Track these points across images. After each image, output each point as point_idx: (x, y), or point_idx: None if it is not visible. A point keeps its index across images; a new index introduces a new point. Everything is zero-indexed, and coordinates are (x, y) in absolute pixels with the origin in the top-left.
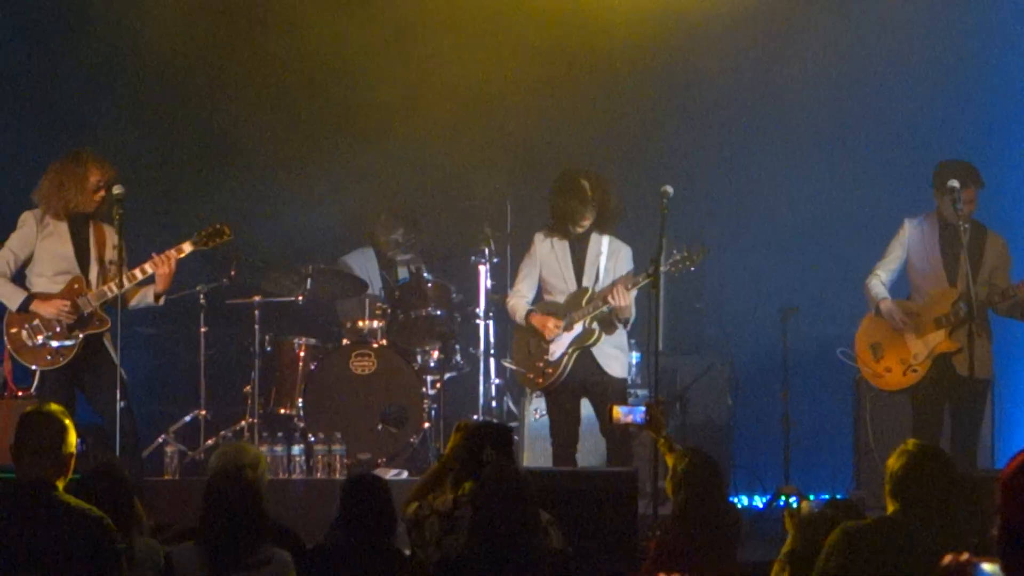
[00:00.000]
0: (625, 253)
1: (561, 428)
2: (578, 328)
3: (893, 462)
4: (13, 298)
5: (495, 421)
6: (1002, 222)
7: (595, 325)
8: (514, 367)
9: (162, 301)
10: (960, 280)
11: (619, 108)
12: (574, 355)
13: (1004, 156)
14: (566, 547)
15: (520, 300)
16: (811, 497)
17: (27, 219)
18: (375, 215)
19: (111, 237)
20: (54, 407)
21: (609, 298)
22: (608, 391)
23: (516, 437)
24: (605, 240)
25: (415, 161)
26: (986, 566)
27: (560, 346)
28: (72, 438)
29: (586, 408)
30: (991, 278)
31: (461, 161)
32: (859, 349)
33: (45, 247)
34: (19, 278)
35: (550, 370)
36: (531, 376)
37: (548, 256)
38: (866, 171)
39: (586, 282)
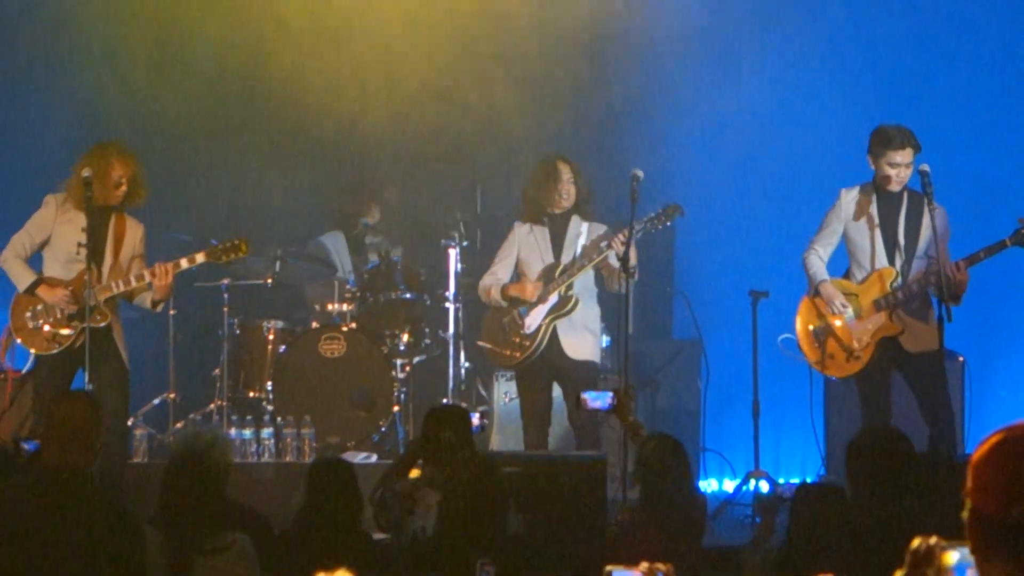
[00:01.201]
0: (605, 233)
1: (532, 410)
2: (554, 298)
3: (850, 445)
4: (23, 279)
5: (455, 404)
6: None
7: (572, 292)
8: (488, 346)
9: (159, 308)
10: (897, 257)
11: (588, 93)
12: (551, 326)
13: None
14: (523, 531)
15: (494, 279)
16: (780, 481)
17: (48, 201)
18: (348, 197)
19: (132, 230)
20: (86, 394)
21: (613, 243)
22: (574, 376)
23: (486, 421)
24: (585, 224)
25: (386, 144)
26: (956, 550)
27: (536, 318)
28: (100, 426)
29: (555, 391)
30: (929, 251)
31: (431, 145)
32: (800, 334)
33: (61, 232)
34: (37, 259)
35: (527, 343)
36: (507, 352)
37: (527, 238)
38: (836, 151)
39: (564, 261)
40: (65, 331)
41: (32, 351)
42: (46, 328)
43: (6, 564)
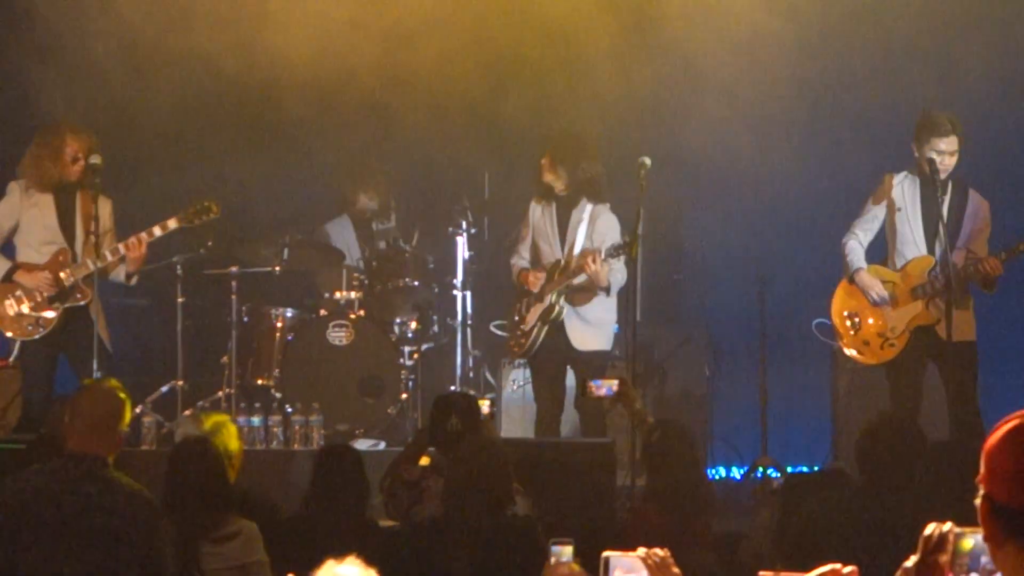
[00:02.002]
0: (605, 220)
1: (544, 396)
2: (547, 300)
3: (860, 431)
4: None
5: (462, 391)
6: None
7: (560, 300)
8: (501, 332)
9: (133, 281)
10: (937, 246)
11: (597, 79)
12: (543, 329)
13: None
14: (530, 513)
15: (517, 260)
16: (788, 469)
17: (12, 188)
18: (354, 185)
19: (101, 206)
20: (113, 383)
21: (585, 266)
22: (583, 365)
23: (495, 408)
24: (589, 207)
25: (393, 132)
26: (970, 536)
27: (533, 316)
28: (128, 415)
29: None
30: (969, 244)
31: (439, 132)
32: (836, 320)
33: (30, 217)
34: (9, 248)
35: (523, 340)
36: (511, 343)
37: (539, 222)
38: (845, 133)
39: (566, 249)
40: (48, 313)
41: (15, 338)
42: (26, 313)
43: (29, 551)
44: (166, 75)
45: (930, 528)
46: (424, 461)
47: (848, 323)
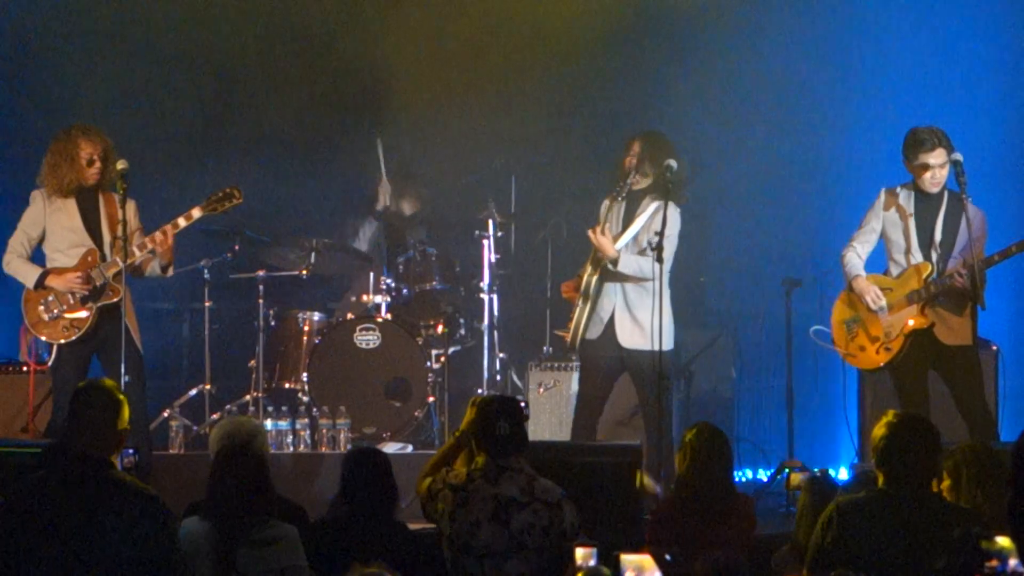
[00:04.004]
0: (666, 213)
1: (583, 398)
2: (584, 279)
3: (875, 434)
4: (29, 275)
5: (509, 395)
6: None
7: (595, 276)
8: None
9: (170, 272)
10: (933, 254)
11: (625, 83)
12: (584, 309)
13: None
14: (576, 520)
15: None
16: (815, 470)
17: (35, 197)
18: (397, 192)
19: (127, 208)
20: (108, 382)
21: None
22: (632, 365)
23: (528, 411)
24: (654, 205)
25: (421, 135)
26: (998, 538)
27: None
28: (126, 414)
29: (568, 384)
30: (966, 254)
31: (466, 135)
32: (834, 327)
33: (55, 222)
34: (39, 256)
35: (569, 325)
36: (564, 333)
37: (606, 217)
38: (872, 139)
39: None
40: (81, 314)
41: (53, 342)
42: (61, 316)
43: (34, 555)
44: (190, 76)
45: (957, 531)
46: (457, 464)
47: (845, 329)
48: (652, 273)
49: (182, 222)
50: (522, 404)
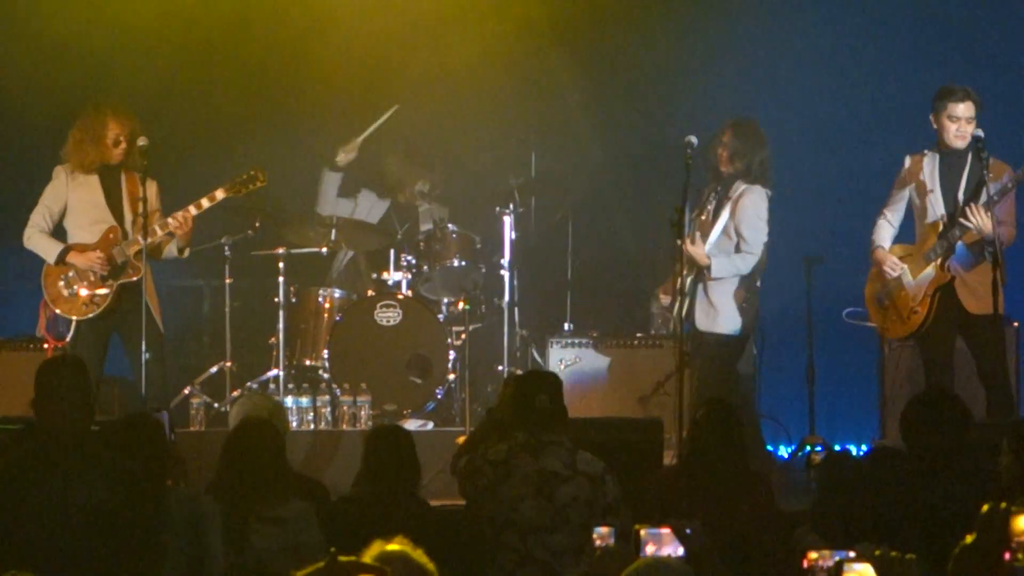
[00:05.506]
0: (748, 197)
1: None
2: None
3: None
4: (50, 251)
5: (548, 370)
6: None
7: (686, 271)
8: None
9: (186, 254)
10: (949, 209)
11: (642, 56)
12: (679, 299)
13: None
14: (619, 495)
15: None
16: (836, 447)
17: (58, 173)
18: (412, 168)
19: (148, 188)
20: (69, 356)
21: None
22: (702, 348)
23: None
24: (743, 187)
25: (439, 109)
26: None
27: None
28: (91, 386)
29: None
30: (996, 210)
31: (485, 110)
32: (868, 304)
33: (77, 197)
34: (60, 232)
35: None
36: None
37: (707, 203)
38: (894, 113)
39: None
40: (102, 291)
41: (72, 317)
42: (82, 292)
43: (15, 536)
44: (215, 57)
45: (987, 507)
46: (498, 443)
47: (876, 304)
48: (749, 268)
49: (205, 203)
50: None
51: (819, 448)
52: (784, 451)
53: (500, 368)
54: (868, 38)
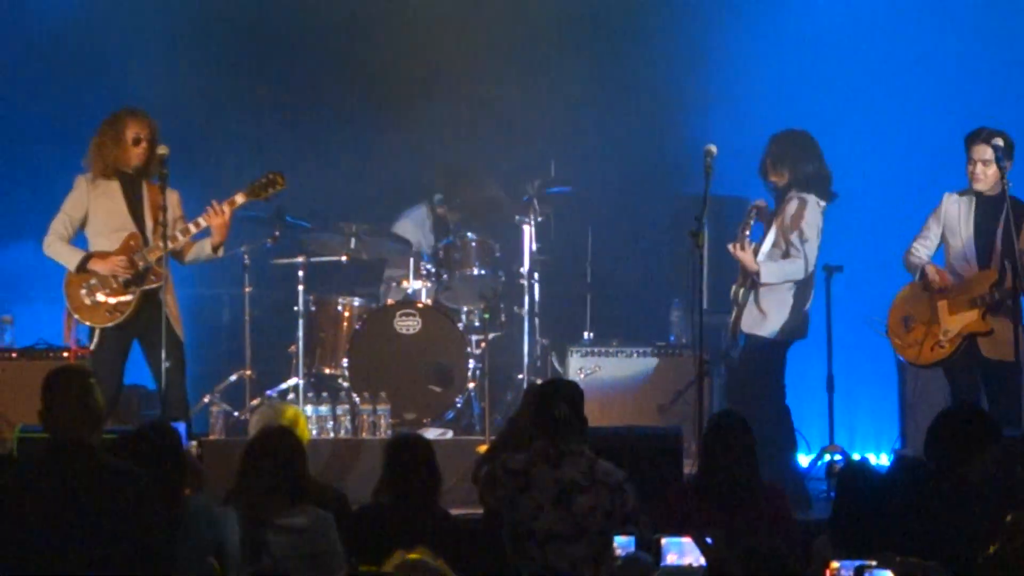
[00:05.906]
0: (795, 205)
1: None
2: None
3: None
4: (71, 259)
5: (568, 379)
6: None
7: (743, 283)
8: None
9: (221, 252)
10: (995, 261)
11: (662, 66)
12: (734, 309)
13: None
14: (636, 504)
15: None
16: (855, 456)
17: (79, 182)
18: (452, 181)
19: (168, 195)
20: (75, 365)
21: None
22: (744, 348)
23: None
24: (796, 201)
25: (461, 120)
26: None
27: None
28: (99, 394)
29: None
30: None
31: (506, 120)
32: (892, 319)
33: (99, 205)
34: (81, 240)
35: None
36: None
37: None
38: (913, 122)
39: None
40: (124, 298)
41: (96, 326)
42: (104, 300)
43: (25, 547)
44: (243, 58)
45: (1010, 516)
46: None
47: (902, 324)
48: (799, 274)
49: (227, 206)
50: None
51: (838, 457)
52: (803, 460)
53: (520, 377)
54: (890, 44)
